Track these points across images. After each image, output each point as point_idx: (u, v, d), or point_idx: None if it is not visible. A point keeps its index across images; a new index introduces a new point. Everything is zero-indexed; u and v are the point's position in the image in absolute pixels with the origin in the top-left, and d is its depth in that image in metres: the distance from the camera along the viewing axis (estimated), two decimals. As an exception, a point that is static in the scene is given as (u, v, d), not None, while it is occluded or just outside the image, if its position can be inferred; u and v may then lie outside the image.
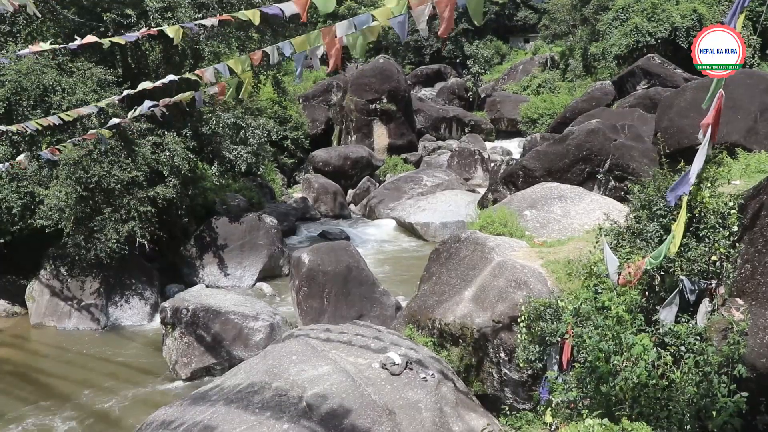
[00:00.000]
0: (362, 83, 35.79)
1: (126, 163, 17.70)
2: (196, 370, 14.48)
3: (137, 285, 18.36)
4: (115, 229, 17.28)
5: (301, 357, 9.09)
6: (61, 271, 18.09)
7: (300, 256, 16.16)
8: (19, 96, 17.49)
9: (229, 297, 16.02)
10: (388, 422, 8.02)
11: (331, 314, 15.28)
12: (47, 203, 17.05)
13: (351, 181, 32.19)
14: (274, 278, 20.61)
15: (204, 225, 20.56)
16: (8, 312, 18.55)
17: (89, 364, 15.42)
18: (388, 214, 27.46)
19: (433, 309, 12.00)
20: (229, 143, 22.52)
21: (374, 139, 35.84)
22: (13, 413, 13.25)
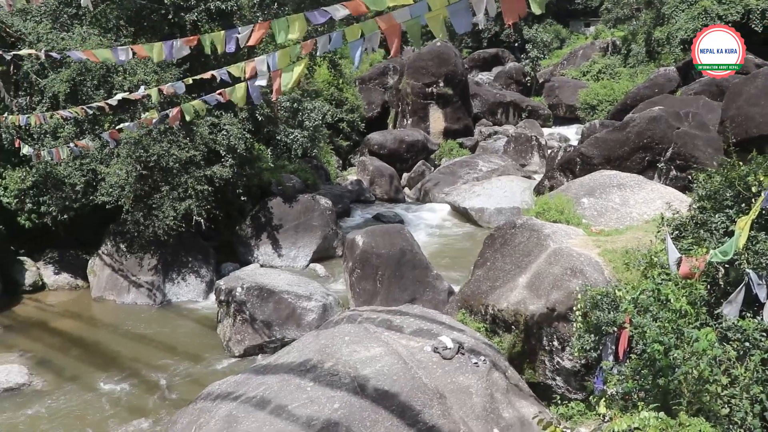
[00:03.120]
0: (419, 66, 35.56)
1: (184, 143, 17.99)
2: (249, 347, 14.71)
3: (193, 263, 18.69)
4: (172, 206, 17.59)
5: (354, 338, 9.14)
6: (120, 247, 18.54)
7: (354, 238, 16.23)
8: (84, 77, 17.90)
9: (283, 277, 16.20)
10: (438, 406, 8.02)
11: (384, 297, 15.33)
12: (108, 181, 17.46)
13: (406, 164, 32.11)
14: (327, 259, 20.74)
15: (259, 205, 20.79)
16: (71, 285, 19.13)
17: (146, 338, 15.81)
18: (442, 199, 27.32)
19: (487, 295, 11.94)
20: (285, 126, 22.66)
21: (430, 122, 35.64)
22: (77, 382, 13.70)
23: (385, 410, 7.80)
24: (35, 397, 13.10)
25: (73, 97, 17.82)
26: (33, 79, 18.05)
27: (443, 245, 22.45)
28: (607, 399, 7.87)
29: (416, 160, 32.26)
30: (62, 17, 19.60)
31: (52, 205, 17.93)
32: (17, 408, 12.63)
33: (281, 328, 14.77)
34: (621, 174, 16.12)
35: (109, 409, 12.62)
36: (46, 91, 18.01)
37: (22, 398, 13.01)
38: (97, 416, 12.34)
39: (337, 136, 33.18)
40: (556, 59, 51.74)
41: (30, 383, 13.51)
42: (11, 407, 12.64)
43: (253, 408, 7.97)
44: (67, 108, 14.60)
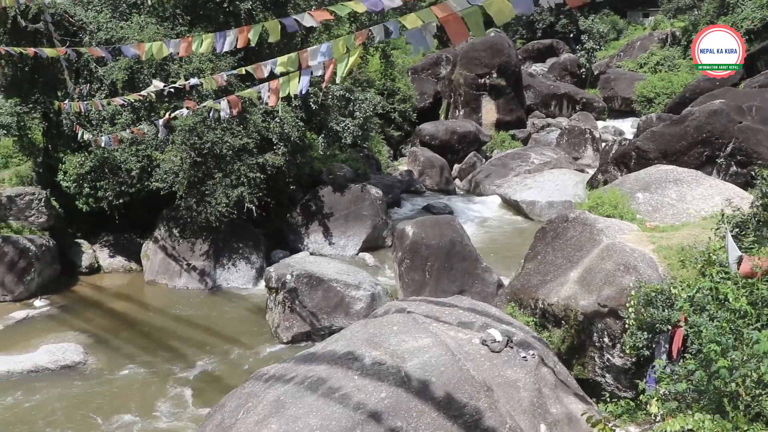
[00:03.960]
0: (472, 57, 35.28)
1: (237, 131, 18.18)
2: (297, 334, 14.84)
3: (244, 249, 18.92)
4: (225, 193, 17.82)
5: (402, 328, 9.13)
6: (173, 232, 18.88)
7: (404, 229, 16.21)
8: (141, 65, 18.22)
9: (333, 265, 16.28)
10: (485, 398, 7.95)
11: (433, 288, 15.29)
12: (163, 167, 17.76)
13: (457, 155, 31.93)
14: (376, 249, 20.80)
15: (310, 193, 20.92)
16: (125, 268, 19.59)
17: (196, 322, 16.10)
18: (493, 191, 27.12)
19: (537, 288, 11.80)
20: (337, 115, 22.73)
21: (482, 114, 35.35)
22: (129, 363, 14.04)
23: (431, 401, 7.78)
24: (89, 375, 13.47)
25: (130, 84, 18.17)
26: (93, 67, 18.46)
27: (493, 237, 22.28)
28: (659, 398, 7.69)
29: (467, 152, 32.05)
30: (121, 6, 19.99)
31: (109, 190, 18.35)
32: (72, 385, 13.01)
33: (329, 316, 14.87)
34: (678, 169, 15.72)
35: (159, 389, 12.89)
36: (105, 78, 18.41)
37: (77, 376, 13.39)
38: (147, 396, 12.62)
39: (389, 126, 33.16)
40: (612, 51, 50.71)
41: (85, 362, 13.90)
42: (67, 384, 13.02)
43: (300, 394, 8.03)
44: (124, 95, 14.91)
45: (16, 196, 18.53)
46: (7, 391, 12.74)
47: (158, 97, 17.10)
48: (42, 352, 13.95)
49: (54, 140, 19.52)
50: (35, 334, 15.24)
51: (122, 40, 17.78)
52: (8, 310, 16.67)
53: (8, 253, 17.20)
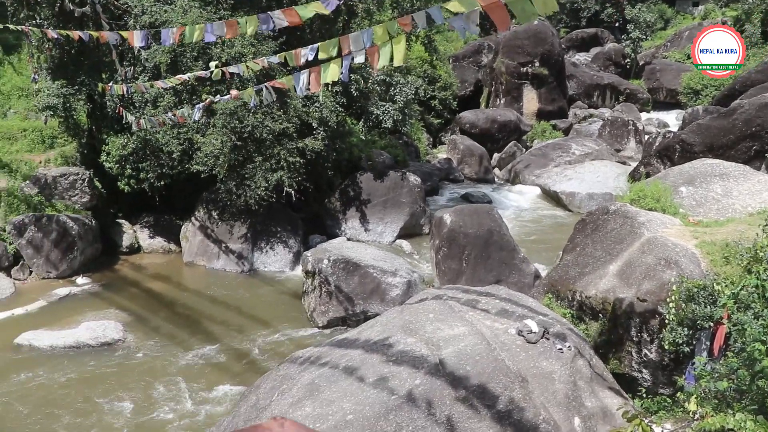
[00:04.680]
0: (514, 45, 34.86)
1: (278, 115, 18.24)
2: (332, 319, 14.91)
3: (282, 233, 19.04)
4: (264, 177, 17.92)
5: (438, 315, 9.10)
6: (212, 214, 19.08)
7: (442, 217, 16.14)
8: (184, 48, 18.36)
9: (369, 251, 16.30)
10: (519, 389, 7.90)
11: (469, 276, 15.22)
12: (204, 150, 17.93)
13: (497, 144, 31.65)
14: (413, 236, 20.76)
15: (349, 179, 20.95)
16: (165, 249, 19.87)
17: (233, 304, 16.27)
18: (533, 181, 26.86)
19: (575, 280, 11.67)
20: (377, 100, 22.70)
21: (523, 103, 34.95)
22: (167, 342, 14.25)
23: (465, 390, 7.75)
24: (128, 352, 13.72)
25: (173, 67, 18.35)
26: (136, 50, 18.67)
27: (531, 228, 22.09)
28: (698, 396, 7.55)
29: (507, 141, 31.75)
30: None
31: (150, 172, 18.60)
32: (112, 361, 13.27)
33: (365, 301, 14.90)
34: (724, 163, 15.35)
35: (195, 369, 13.08)
36: (149, 62, 18.61)
37: (116, 352, 13.65)
38: (183, 376, 12.80)
39: (429, 113, 33.01)
40: (659, 41, 49.59)
41: (124, 339, 14.17)
42: (106, 360, 13.29)
43: (335, 378, 8.07)
44: (167, 78, 15.05)
45: (61, 176, 18.92)
46: (50, 364, 13.07)
47: (199, 81, 17.25)
48: (83, 329, 14.25)
49: (98, 122, 19.85)
50: (77, 310, 15.57)
51: (166, 23, 17.95)
52: (52, 286, 17.06)
53: (53, 231, 17.57)
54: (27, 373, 12.79)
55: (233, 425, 8.53)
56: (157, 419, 11.35)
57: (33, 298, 16.31)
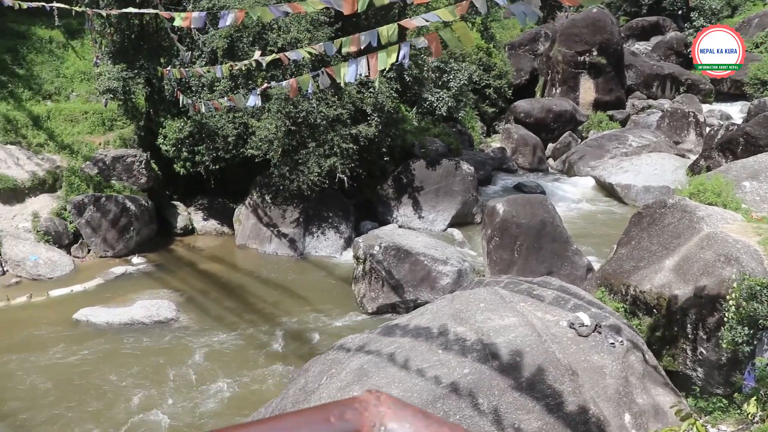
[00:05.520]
0: (572, 34, 34.20)
1: (332, 101, 18.28)
2: (381, 305, 14.94)
3: (334, 219, 19.12)
4: (317, 163, 18.01)
5: (489, 305, 9.02)
6: (266, 198, 19.27)
7: (495, 206, 16.01)
8: (241, 33, 18.52)
9: (421, 239, 16.26)
10: (569, 382, 7.79)
11: (521, 267, 15.07)
12: (258, 135, 18.09)
13: (552, 134, 31.17)
14: (465, 225, 20.64)
15: (402, 166, 20.89)
16: (218, 231, 20.18)
17: (284, 287, 16.43)
18: (587, 172, 26.40)
19: (629, 274, 11.45)
20: (432, 86, 22.57)
21: (580, 93, 34.30)
22: (218, 322, 14.49)
23: (514, 381, 7.68)
24: (181, 331, 13.99)
25: (230, 52, 18.54)
26: (194, 35, 18.92)
27: (585, 220, 21.74)
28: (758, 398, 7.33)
29: (563, 131, 31.24)
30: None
31: (206, 155, 18.86)
32: (165, 339, 13.56)
33: (415, 289, 14.88)
34: (792, 157, 14.85)
35: (245, 350, 13.27)
36: (206, 46, 18.83)
37: (169, 331, 13.94)
38: (232, 356, 13.01)
39: (483, 102, 32.68)
40: (724, 29, 47.96)
41: (177, 319, 14.45)
42: (159, 338, 13.59)
43: (384, 364, 8.08)
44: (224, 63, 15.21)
45: (119, 157, 19.36)
46: (106, 340, 13.44)
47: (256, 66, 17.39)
48: (138, 307, 14.59)
49: (155, 105, 20.22)
50: (132, 289, 15.94)
51: (224, 7, 18.13)
52: (109, 265, 17.51)
53: (111, 211, 18.00)
54: (84, 347, 13.18)
55: (282, 407, 8.62)
56: (205, 397, 11.56)
57: (91, 276, 16.76)
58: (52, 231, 17.72)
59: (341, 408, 0.82)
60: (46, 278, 16.55)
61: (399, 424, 0.81)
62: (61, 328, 13.99)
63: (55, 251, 17.36)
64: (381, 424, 0.81)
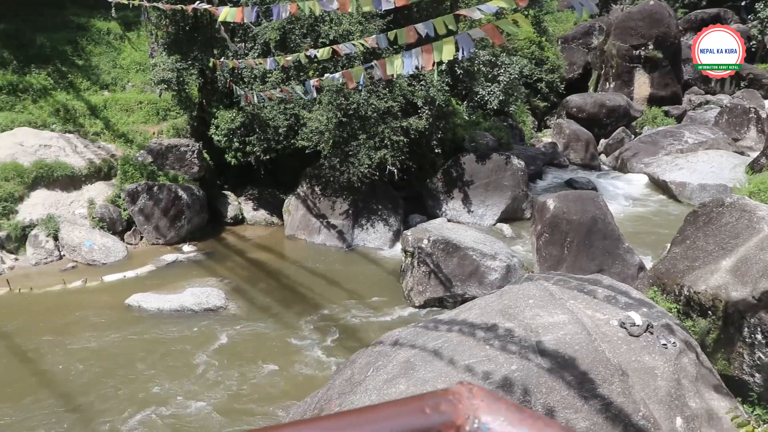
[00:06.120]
0: (627, 27, 33.49)
1: (383, 93, 18.27)
2: (429, 299, 14.89)
3: (383, 211, 19.13)
4: (368, 155, 18.02)
5: (538, 302, 8.90)
6: (315, 190, 19.37)
7: (545, 202, 15.80)
8: (293, 25, 18.61)
9: (470, 233, 16.15)
10: (618, 383, 7.64)
11: (570, 264, 14.85)
12: (309, 126, 18.18)
13: (605, 130, 30.63)
14: (514, 220, 20.44)
15: (452, 160, 20.77)
16: (267, 222, 20.38)
17: (332, 279, 16.50)
18: (640, 169, 25.87)
19: (683, 274, 11.17)
20: (483, 80, 22.39)
21: (634, 87, 33.60)
22: (266, 312, 14.64)
23: (562, 379, 7.57)
24: (229, 320, 14.17)
25: (282, 44, 18.65)
26: (247, 26, 19.08)
27: (637, 217, 21.33)
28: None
29: (616, 127, 30.67)
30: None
31: (257, 146, 19.03)
32: (213, 327, 13.75)
33: (463, 284, 14.79)
34: None
35: (292, 340, 13.37)
36: (259, 38, 18.99)
37: (218, 319, 14.14)
38: (279, 345, 13.12)
39: (535, 96, 32.29)
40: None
41: (226, 307, 14.63)
42: (208, 325, 13.79)
43: (430, 358, 8.04)
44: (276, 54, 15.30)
45: (172, 147, 19.68)
46: (156, 325, 13.71)
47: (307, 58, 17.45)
48: (188, 294, 14.82)
49: (208, 96, 20.47)
50: (182, 276, 16.21)
51: (275, 0, 18.25)
52: (160, 252, 17.84)
53: (163, 200, 18.33)
54: (135, 331, 13.47)
55: (327, 397, 8.66)
56: (250, 387, 11.68)
57: (143, 263, 17.10)
58: (106, 218, 18.13)
59: (435, 399, 0.81)
60: (100, 264, 16.95)
61: (493, 417, 0.80)
62: (113, 312, 14.32)
63: (109, 237, 17.75)
64: (475, 417, 0.80)
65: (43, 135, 19.13)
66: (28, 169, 17.90)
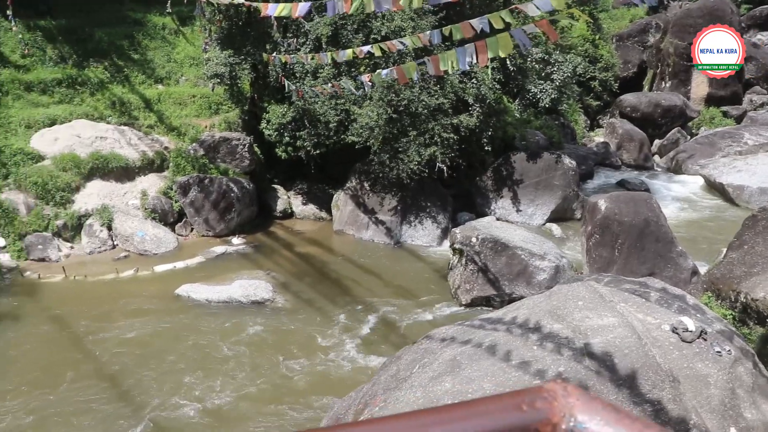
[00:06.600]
0: (686, 24, 32.63)
1: (434, 90, 18.18)
2: (476, 298, 14.79)
3: (431, 208, 19.06)
4: (417, 151, 17.97)
5: (587, 304, 8.74)
6: (364, 185, 19.40)
7: (596, 202, 15.53)
8: (345, 21, 18.65)
9: (519, 232, 15.97)
10: (669, 389, 7.45)
11: (621, 266, 14.56)
12: (359, 122, 18.21)
13: (659, 130, 29.92)
14: (564, 221, 20.17)
15: (502, 158, 20.58)
16: (316, 216, 20.50)
17: (379, 275, 16.51)
18: (696, 171, 25.24)
19: (740, 280, 10.87)
20: (535, 78, 22.13)
21: (691, 87, 32.74)
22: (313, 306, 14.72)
23: (611, 383, 7.41)
24: (276, 312, 14.30)
25: (334, 39, 18.71)
26: (300, 22, 19.19)
27: (691, 221, 20.82)
28: None
29: (671, 127, 29.95)
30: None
31: (307, 140, 19.14)
32: (260, 318, 13.90)
33: (511, 283, 14.65)
34: None
35: (337, 335, 13.41)
36: (311, 33, 19.08)
37: (265, 311, 14.28)
38: (324, 339, 13.18)
39: (587, 95, 31.74)
40: None
41: (273, 300, 14.76)
42: (255, 317, 13.94)
43: (477, 356, 7.96)
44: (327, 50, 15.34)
45: (224, 140, 19.94)
46: (204, 315, 13.93)
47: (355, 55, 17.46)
48: (236, 286, 15.00)
49: (260, 90, 20.66)
50: (231, 268, 16.41)
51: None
52: (210, 244, 18.09)
53: (214, 192, 18.58)
54: (184, 320, 13.72)
55: (372, 392, 8.64)
56: (295, 379, 11.76)
57: (192, 254, 17.37)
58: (158, 209, 18.47)
59: (531, 396, 0.80)
60: (151, 254, 17.27)
61: (590, 416, 0.77)
62: (163, 301, 14.58)
63: (161, 228, 18.08)
64: (571, 416, 0.78)
65: (100, 127, 19.59)
66: (85, 160, 18.35)
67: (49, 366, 11.96)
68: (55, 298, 14.78)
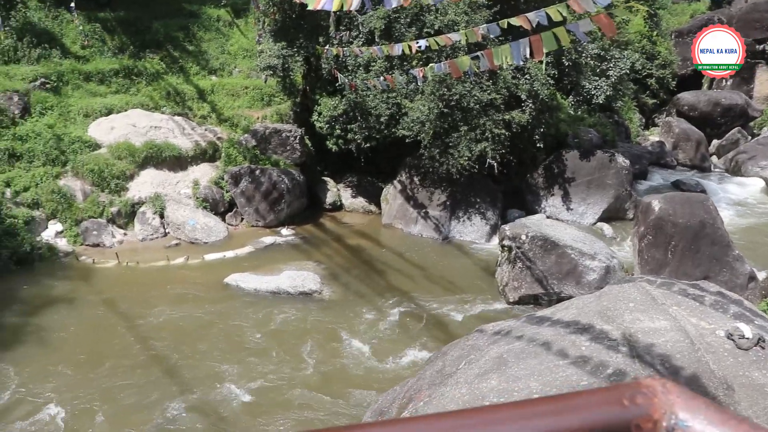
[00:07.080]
0: (752, 19, 31.57)
1: (487, 85, 18.01)
2: (524, 296, 14.62)
3: (481, 204, 18.91)
4: (468, 147, 17.83)
5: (639, 305, 8.55)
6: (414, 180, 19.36)
7: (650, 203, 15.19)
8: (398, 14, 18.60)
9: (569, 231, 15.73)
10: (723, 397, 7.24)
11: (674, 269, 14.23)
12: (411, 115, 18.15)
13: (718, 130, 29.14)
14: (616, 220, 19.81)
15: (553, 155, 20.30)
16: (365, 209, 20.54)
17: (426, 269, 16.47)
18: (757, 173, 24.51)
19: (800, 286, 10.51)
20: (590, 74, 21.75)
21: (755, 85, 31.75)
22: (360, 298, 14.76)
23: (661, 388, 7.23)
24: (323, 304, 14.38)
25: (387, 33, 18.68)
26: (353, 15, 19.21)
27: (750, 224, 20.24)
28: None
29: (731, 127, 29.12)
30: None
31: (358, 133, 19.18)
32: (307, 310, 14.00)
33: (559, 282, 14.44)
34: None
35: (384, 328, 13.42)
36: (364, 26, 19.08)
37: (312, 302, 14.37)
38: (371, 332, 13.20)
39: (643, 92, 31.06)
40: None
41: (320, 291, 14.84)
42: (303, 308, 14.05)
43: (524, 355, 7.85)
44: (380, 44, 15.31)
45: (275, 132, 20.12)
46: (252, 304, 14.10)
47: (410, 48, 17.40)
48: (284, 277, 15.12)
49: (312, 83, 20.77)
50: (280, 259, 16.55)
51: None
52: (259, 234, 18.28)
53: (264, 183, 18.76)
54: (231, 308, 13.89)
55: (418, 387, 8.61)
56: (342, 370, 11.80)
57: (242, 244, 17.57)
58: (209, 198, 18.73)
59: (631, 391, 0.78)
60: (202, 242, 17.53)
61: (692, 415, 0.74)
62: (212, 290, 14.78)
63: (212, 218, 18.33)
64: (672, 413, 0.75)
65: (154, 117, 19.94)
66: (139, 149, 18.71)
67: (99, 347, 12.23)
68: (108, 283, 15.12)
